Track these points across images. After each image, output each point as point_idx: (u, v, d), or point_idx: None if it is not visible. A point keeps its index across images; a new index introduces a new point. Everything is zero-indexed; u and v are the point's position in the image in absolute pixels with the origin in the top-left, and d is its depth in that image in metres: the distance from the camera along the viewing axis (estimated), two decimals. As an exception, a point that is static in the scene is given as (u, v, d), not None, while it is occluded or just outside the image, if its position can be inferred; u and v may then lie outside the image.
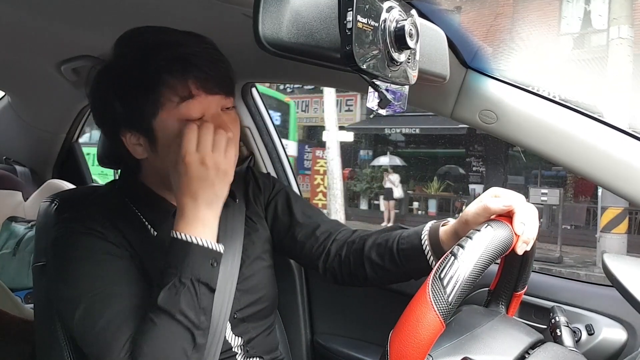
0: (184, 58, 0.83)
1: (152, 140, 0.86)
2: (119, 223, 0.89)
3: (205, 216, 0.81)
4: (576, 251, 9.86)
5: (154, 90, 0.83)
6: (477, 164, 13.79)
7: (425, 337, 0.65)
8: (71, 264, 0.84)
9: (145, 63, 0.83)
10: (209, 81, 0.84)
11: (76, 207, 0.94)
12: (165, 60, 0.83)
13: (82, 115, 2.02)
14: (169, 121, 0.84)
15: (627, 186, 0.91)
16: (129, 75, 0.84)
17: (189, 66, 0.83)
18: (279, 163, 1.71)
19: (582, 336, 1.03)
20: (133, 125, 0.86)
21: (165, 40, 0.85)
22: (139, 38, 0.87)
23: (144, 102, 0.83)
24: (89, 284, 0.81)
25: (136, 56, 0.84)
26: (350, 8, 0.55)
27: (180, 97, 0.83)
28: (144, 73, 0.83)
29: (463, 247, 0.71)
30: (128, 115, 0.86)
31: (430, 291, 0.67)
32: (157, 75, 0.82)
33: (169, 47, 0.84)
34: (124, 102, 0.85)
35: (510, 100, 0.98)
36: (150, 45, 0.85)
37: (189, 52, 0.83)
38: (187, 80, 0.83)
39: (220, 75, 0.86)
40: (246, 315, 0.96)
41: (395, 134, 15.17)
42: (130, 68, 0.84)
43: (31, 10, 1.08)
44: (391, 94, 0.66)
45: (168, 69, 0.82)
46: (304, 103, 15.56)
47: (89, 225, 0.86)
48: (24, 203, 2.02)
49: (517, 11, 9.14)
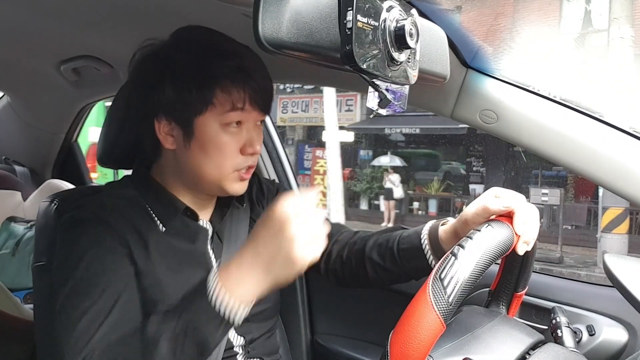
0: (244, 69, 0.86)
1: (187, 135, 0.88)
2: (130, 213, 0.90)
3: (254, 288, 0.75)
4: (577, 251, 9.86)
5: (210, 90, 0.85)
6: (477, 164, 13.79)
7: (426, 338, 0.65)
8: (74, 252, 0.84)
9: (210, 63, 0.85)
10: (258, 95, 0.87)
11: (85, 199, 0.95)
12: (229, 67, 0.85)
13: (81, 115, 2.02)
14: (212, 123, 0.86)
15: (628, 186, 0.91)
16: (190, 68, 0.85)
17: (248, 79, 0.86)
18: (278, 163, 1.71)
19: (583, 337, 1.03)
20: (174, 114, 0.88)
21: (229, 48, 0.88)
22: (204, 37, 0.90)
23: (197, 97, 0.85)
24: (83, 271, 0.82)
25: (201, 52, 0.86)
26: (350, 7, 0.55)
27: (233, 105, 0.86)
28: (206, 71, 0.85)
29: (463, 248, 0.71)
30: (173, 104, 0.87)
31: (430, 291, 0.67)
32: (219, 78, 0.85)
33: (233, 55, 0.87)
34: (176, 90, 0.86)
35: (510, 100, 0.98)
36: (216, 48, 0.87)
37: (248, 65, 0.87)
38: (245, 91, 0.86)
39: (267, 93, 0.89)
40: (249, 315, 0.96)
41: (395, 133, 15.17)
42: (193, 61, 0.85)
43: (31, 10, 1.08)
44: (391, 94, 0.66)
45: (232, 77, 0.85)
46: (304, 103, 15.55)
47: (98, 213, 0.87)
48: (24, 203, 2.01)
49: (517, 11, 9.13)
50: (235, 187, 0.92)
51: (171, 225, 0.92)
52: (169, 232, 0.92)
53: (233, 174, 0.90)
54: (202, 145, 0.87)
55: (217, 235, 0.99)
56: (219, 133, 0.86)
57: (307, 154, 15.48)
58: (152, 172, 0.97)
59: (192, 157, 0.89)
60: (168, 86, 0.86)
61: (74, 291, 0.81)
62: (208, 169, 0.89)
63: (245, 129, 0.89)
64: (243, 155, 0.89)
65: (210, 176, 0.90)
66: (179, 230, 0.93)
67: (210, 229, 0.98)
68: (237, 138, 0.88)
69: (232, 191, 0.92)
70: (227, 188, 0.91)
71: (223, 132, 0.87)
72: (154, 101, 0.88)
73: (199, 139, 0.87)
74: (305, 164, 15.33)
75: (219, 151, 0.87)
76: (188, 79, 0.85)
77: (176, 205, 0.94)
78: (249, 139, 0.89)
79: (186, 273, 0.90)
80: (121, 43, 1.28)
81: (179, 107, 0.87)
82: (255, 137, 0.90)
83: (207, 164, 0.88)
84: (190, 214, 0.95)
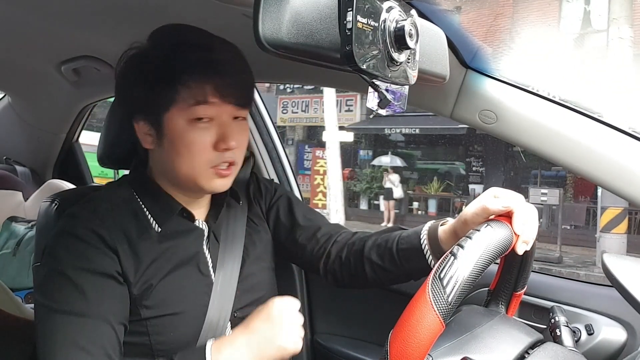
0: (208, 63, 0.85)
1: (159, 133, 0.88)
2: (123, 217, 0.89)
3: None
4: (576, 251, 9.87)
5: (172, 87, 0.85)
6: (476, 164, 13.80)
7: (425, 337, 0.65)
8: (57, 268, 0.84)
9: (172, 59, 0.85)
10: (227, 89, 0.86)
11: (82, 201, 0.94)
12: (189, 61, 0.85)
13: (82, 115, 2.02)
14: (178, 118, 0.86)
15: (627, 186, 0.91)
16: (155, 67, 0.86)
17: (210, 72, 0.85)
18: (278, 163, 1.71)
19: (581, 336, 1.03)
20: (146, 113, 0.89)
21: (196, 42, 0.87)
22: (174, 33, 0.90)
23: (161, 95, 0.86)
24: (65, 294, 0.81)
25: (166, 50, 0.87)
26: (350, 8, 0.55)
27: (195, 99, 0.85)
28: (168, 68, 0.85)
29: (463, 247, 0.71)
30: (144, 103, 0.88)
31: (430, 291, 0.67)
32: (179, 74, 0.85)
33: (197, 49, 0.86)
34: (144, 90, 0.87)
35: (509, 101, 0.98)
36: (181, 43, 0.87)
37: (215, 58, 0.86)
38: (205, 85, 0.85)
39: (239, 86, 0.88)
40: (246, 315, 0.96)
41: (395, 134, 15.17)
42: (157, 60, 0.86)
43: (32, 11, 1.08)
44: (391, 94, 0.66)
45: (190, 71, 0.84)
46: (304, 103, 15.55)
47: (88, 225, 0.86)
48: (24, 203, 2.02)
49: (517, 11, 9.14)
50: (214, 184, 0.90)
51: (167, 226, 0.92)
52: (164, 233, 0.91)
53: (208, 170, 0.88)
54: (172, 143, 0.87)
55: (213, 235, 0.98)
56: (186, 129, 0.85)
57: (307, 154, 15.49)
58: (148, 170, 0.96)
59: (166, 156, 0.89)
60: (139, 85, 0.88)
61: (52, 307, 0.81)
62: (181, 167, 0.88)
63: (218, 124, 0.87)
64: (217, 152, 0.87)
65: (185, 174, 0.89)
66: (174, 231, 0.93)
67: (206, 229, 0.98)
68: (208, 133, 0.86)
69: (211, 188, 0.90)
70: (204, 185, 0.89)
71: (191, 128, 0.86)
72: (130, 102, 0.90)
73: (169, 137, 0.87)
74: (305, 164, 15.33)
75: (188, 148, 0.86)
76: (154, 77, 0.86)
77: (172, 206, 0.93)
78: (221, 134, 0.87)
79: (180, 275, 0.90)
80: (121, 43, 1.27)
81: (148, 105, 0.88)
82: (229, 133, 0.87)
83: (180, 162, 0.88)
84: (186, 215, 0.95)
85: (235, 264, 0.97)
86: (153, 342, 0.87)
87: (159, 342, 0.87)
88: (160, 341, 0.87)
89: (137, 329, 0.86)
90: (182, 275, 0.90)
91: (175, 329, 0.88)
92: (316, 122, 15.08)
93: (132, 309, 0.86)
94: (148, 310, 0.86)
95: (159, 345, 0.87)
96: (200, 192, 0.94)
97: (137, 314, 0.86)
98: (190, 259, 0.93)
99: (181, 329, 0.89)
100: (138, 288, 0.86)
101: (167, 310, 0.87)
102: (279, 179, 1.72)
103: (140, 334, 0.87)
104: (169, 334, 0.88)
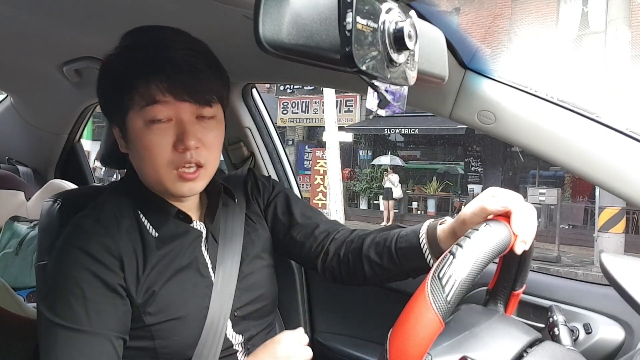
0: (154, 62, 0.82)
1: (124, 136, 0.88)
2: (125, 226, 0.89)
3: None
4: (574, 250, 9.88)
5: (125, 90, 0.84)
6: (475, 164, 13.80)
7: (425, 336, 0.66)
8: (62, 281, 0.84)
9: (123, 62, 0.85)
10: (178, 88, 0.83)
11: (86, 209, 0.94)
12: (135, 62, 0.83)
13: (84, 115, 2.03)
14: (136, 120, 0.85)
15: (625, 186, 0.91)
16: (111, 73, 0.87)
17: (155, 71, 0.82)
18: (279, 163, 1.71)
19: (579, 335, 1.03)
20: (112, 119, 0.90)
21: (144, 41, 0.85)
22: (129, 36, 0.88)
23: (118, 99, 0.85)
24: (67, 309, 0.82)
25: (118, 54, 0.87)
26: (350, 10, 0.55)
27: (145, 100, 0.83)
28: (119, 72, 0.85)
29: (462, 247, 0.71)
30: (109, 109, 0.89)
31: (429, 290, 0.68)
32: (128, 77, 0.83)
33: (145, 48, 0.84)
34: (105, 96, 0.89)
35: (508, 101, 0.99)
36: (132, 45, 0.86)
37: (162, 56, 0.82)
38: (150, 85, 0.82)
39: (193, 84, 0.84)
40: (246, 313, 0.97)
41: (395, 134, 15.17)
42: (112, 64, 0.87)
43: (34, 12, 1.09)
44: (390, 95, 0.66)
45: (135, 73, 0.83)
46: (304, 103, 15.55)
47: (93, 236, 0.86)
48: (26, 203, 2.02)
49: (515, 13, 9.14)
50: (180, 188, 0.87)
51: (164, 230, 0.92)
52: (162, 238, 0.91)
53: (171, 173, 0.86)
54: (135, 145, 0.86)
55: (211, 235, 0.98)
56: (144, 130, 0.84)
57: (307, 154, 15.49)
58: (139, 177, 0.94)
59: (134, 159, 0.89)
60: (103, 91, 0.89)
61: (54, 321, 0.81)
62: (146, 169, 0.88)
63: (176, 124, 0.85)
64: (176, 152, 0.85)
65: (151, 177, 0.88)
66: (171, 235, 0.92)
67: (204, 230, 0.97)
68: (166, 134, 0.84)
69: (178, 192, 0.88)
70: (170, 189, 0.88)
71: (148, 129, 0.84)
72: (102, 107, 0.91)
73: (131, 139, 0.87)
74: (305, 164, 15.33)
75: (148, 150, 0.85)
76: (111, 82, 0.86)
77: (167, 209, 0.93)
78: (179, 134, 0.84)
79: (181, 279, 0.90)
80: (122, 44, 1.29)
81: (111, 110, 0.88)
82: (188, 132, 0.84)
83: (144, 164, 0.87)
84: (182, 217, 0.95)
85: (234, 263, 0.97)
86: (157, 346, 0.87)
87: (163, 345, 0.88)
88: (164, 345, 0.88)
89: (142, 334, 0.87)
90: (183, 279, 0.91)
91: (179, 333, 0.89)
92: (316, 123, 15.08)
93: (136, 316, 0.86)
94: (151, 317, 0.87)
95: (163, 349, 0.88)
96: (173, 196, 0.92)
97: (141, 320, 0.86)
98: (189, 262, 0.93)
99: (184, 332, 0.89)
100: (141, 296, 0.86)
101: (170, 316, 0.88)
102: (279, 179, 1.73)
103: (144, 339, 0.87)
104: (173, 337, 0.88)
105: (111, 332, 0.82)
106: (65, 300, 0.82)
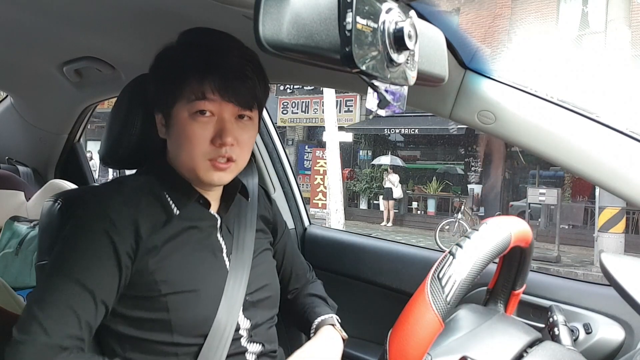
0: (210, 63, 0.91)
1: (168, 124, 0.95)
2: (146, 199, 0.95)
3: None
4: (574, 250, 9.89)
5: (178, 84, 0.92)
6: (475, 164, 13.80)
7: (424, 336, 0.66)
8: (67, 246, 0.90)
9: (179, 59, 0.93)
10: (227, 90, 0.91)
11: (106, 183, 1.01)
12: (194, 60, 0.91)
13: (84, 115, 2.03)
14: (183, 112, 0.92)
15: (625, 186, 0.91)
16: (167, 65, 0.95)
17: (211, 72, 0.90)
18: (279, 163, 1.71)
19: (579, 335, 1.03)
20: (159, 106, 0.97)
21: (204, 43, 0.93)
22: (190, 34, 0.96)
23: (169, 90, 0.93)
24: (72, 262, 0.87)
25: (176, 50, 0.95)
26: (350, 9, 0.55)
27: (195, 95, 0.91)
28: (174, 67, 0.93)
29: (461, 247, 0.72)
30: (157, 97, 0.97)
31: (429, 291, 0.68)
32: (183, 73, 0.91)
33: (202, 50, 0.92)
34: (157, 86, 0.96)
35: (508, 101, 0.99)
36: (190, 44, 0.94)
37: (217, 59, 0.91)
38: (203, 83, 0.90)
39: (240, 88, 0.92)
40: (256, 300, 1.02)
41: (395, 134, 15.18)
42: (170, 59, 0.95)
43: (34, 12, 1.09)
44: (390, 95, 0.66)
45: (192, 70, 0.91)
46: (304, 103, 15.56)
47: (112, 202, 0.92)
48: (26, 203, 2.02)
49: (515, 13, 9.14)
50: (211, 176, 0.94)
51: (185, 211, 0.98)
52: (182, 216, 0.97)
53: (205, 162, 0.93)
54: (176, 133, 0.94)
55: (225, 226, 1.03)
56: (188, 122, 0.92)
57: (307, 154, 15.51)
58: (168, 160, 1.01)
59: (172, 145, 0.97)
60: (156, 81, 0.97)
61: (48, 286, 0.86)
62: (183, 156, 0.94)
63: (218, 121, 0.92)
64: (214, 146, 0.92)
65: (186, 163, 0.95)
66: (191, 216, 0.98)
67: (219, 219, 1.03)
68: (207, 127, 0.92)
69: (208, 180, 0.95)
70: (202, 176, 0.94)
71: (192, 120, 0.92)
72: (150, 95, 0.98)
73: (174, 128, 0.94)
74: (305, 164, 15.34)
75: (188, 139, 0.92)
76: (164, 73, 0.95)
77: (190, 192, 0.99)
78: (219, 130, 0.92)
79: (196, 257, 0.96)
80: (123, 45, 1.29)
81: (160, 99, 0.96)
82: (227, 129, 0.92)
83: (182, 151, 0.94)
84: (202, 202, 1.00)
85: (247, 251, 1.03)
86: (172, 318, 0.91)
87: (178, 317, 0.91)
88: (179, 317, 0.91)
89: (157, 306, 0.91)
90: (198, 257, 0.96)
91: (194, 308, 0.92)
92: (316, 123, 15.09)
93: (152, 284, 0.90)
94: (166, 285, 0.90)
95: (178, 321, 0.91)
96: (201, 183, 0.98)
97: (157, 290, 0.90)
98: (205, 243, 0.99)
99: (199, 307, 0.93)
100: (156, 262, 0.91)
101: (185, 287, 0.92)
102: (279, 179, 1.73)
103: (160, 310, 0.91)
104: (188, 311, 0.92)
105: (99, 294, 0.86)
106: (72, 251, 0.88)
